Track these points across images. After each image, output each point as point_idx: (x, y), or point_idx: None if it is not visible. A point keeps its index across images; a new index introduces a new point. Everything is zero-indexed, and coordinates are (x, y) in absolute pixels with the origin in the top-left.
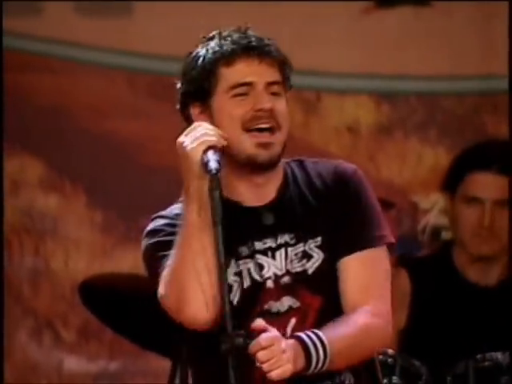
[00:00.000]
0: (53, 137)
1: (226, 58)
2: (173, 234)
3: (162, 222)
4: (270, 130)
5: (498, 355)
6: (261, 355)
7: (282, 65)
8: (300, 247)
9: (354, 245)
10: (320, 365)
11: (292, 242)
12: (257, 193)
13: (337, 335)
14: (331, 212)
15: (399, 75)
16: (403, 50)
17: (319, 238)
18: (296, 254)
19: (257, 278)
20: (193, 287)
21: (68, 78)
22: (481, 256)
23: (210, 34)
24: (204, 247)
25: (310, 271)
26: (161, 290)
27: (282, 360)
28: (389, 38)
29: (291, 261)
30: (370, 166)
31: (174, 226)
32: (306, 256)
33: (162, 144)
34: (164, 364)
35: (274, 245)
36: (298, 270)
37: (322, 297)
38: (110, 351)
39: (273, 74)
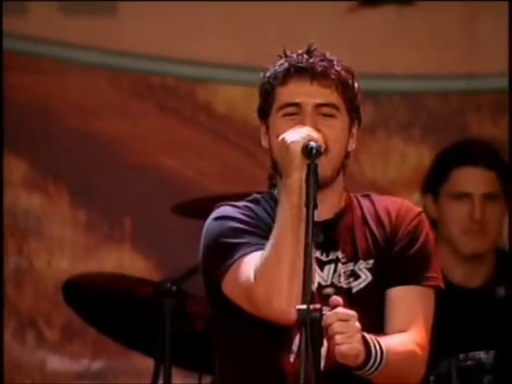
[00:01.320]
0: (36, 136)
1: (280, 77)
2: (247, 223)
3: (234, 209)
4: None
5: (481, 354)
6: (337, 325)
7: (343, 86)
8: (350, 266)
9: (408, 279)
10: (373, 368)
11: (343, 260)
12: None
13: (390, 348)
14: (390, 242)
15: (383, 74)
16: (387, 49)
17: (371, 261)
18: (345, 272)
19: None
20: (283, 281)
21: (52, 77)
22: (471, 253)
23: (280, 54)
24: (300, 241)
25: (354, 290)
26: (243, 279)
27: (354, 337)
28: (372, 37)
29: (339, 275)
30: (354, 165)
31: (247, 215)
32: (354, 275)
33: (147, 143)
34: (147, 363)
35: (324, 258)
36: (344, 286)
37: (359, 317)
38: (93, 350)
39: (325, 96)
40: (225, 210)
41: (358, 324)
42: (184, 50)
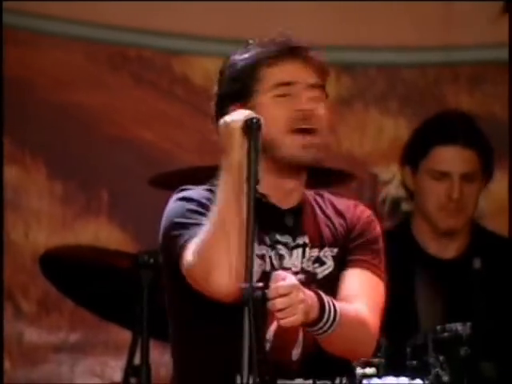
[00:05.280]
0: (12, 108)
1: (271, 58)
2: (207, 206)
3: (196, 192)
4: (313, 131)
5: (458, 326)
6: (279, 302)
7: (323, 71)
8: (315, 252)
9: (360, 263)
10: (327, 326)
11: (309, 245)
12: (283, 196)
13: (345, 311)
14: (349, 233)
15: (360, 46)
16: (364, 22)
17: (336, 250)
18: (311, 257)
19: (276, 266)
20: (221, 256)
21: (28, 50)
22: (447, 230)
23: (249, 42)
24: (239, 217)
25: (320, 276)
26: (189, 257)
27: (296, 309)
28: (349, 10)
29: (307, 260)
30: (331, 137)
31: (207, 199)
32: (319, 261)
33: (123, 115)
34: (125, 335)
35: (292, 243)
36: (311, 270)
37: None
38: (70, 323)
39: (315, 78)
40: (187, 192)
41: (301, 295)
42: (160, 22)
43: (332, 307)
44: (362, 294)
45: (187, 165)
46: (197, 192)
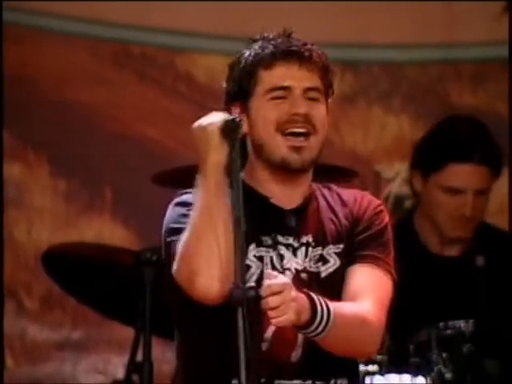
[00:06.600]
0: (16, 105)
1: (266, 60)
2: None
3: (191, 196)
4: (305, 134)
5: (461, 323)
6: (271, 300)
7: (323, 71)
8: (318, 250)
9: (366, 258)
10: (320, 328)
11: (313, 243)
12: (285, 195)
13: (340, 310)
14: (355, 226)
15: (363, 44)
16: (367, 19)
17: (341, 246)
18: (314, 256)
19: (278, 266)
20: (205, 259)
21: (31, 47)
22: (455, 239)
23: (256, 37)
24: (217, 222)
25: (323, 275)
26: (175, 263)
27: (288, 308)
28: (352, 6)
29: (310, 260)
30: (334, 135)
31: None
32: (322, 260)
33: (126, 112)
34: (127, 333)
35: (296, 244)
36: (313, 270)
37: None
38: (73, 320)
39: (312, 80)
40: (183, 197)
41: (293, 293)
42: (164, 20)
43: (325, 309)
44: (367, 291)
45: (190, 162)
46: (194, 195)
